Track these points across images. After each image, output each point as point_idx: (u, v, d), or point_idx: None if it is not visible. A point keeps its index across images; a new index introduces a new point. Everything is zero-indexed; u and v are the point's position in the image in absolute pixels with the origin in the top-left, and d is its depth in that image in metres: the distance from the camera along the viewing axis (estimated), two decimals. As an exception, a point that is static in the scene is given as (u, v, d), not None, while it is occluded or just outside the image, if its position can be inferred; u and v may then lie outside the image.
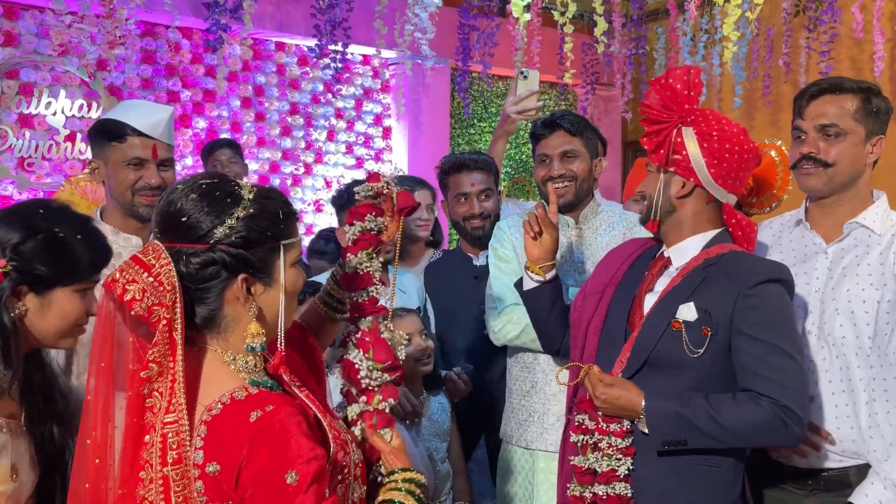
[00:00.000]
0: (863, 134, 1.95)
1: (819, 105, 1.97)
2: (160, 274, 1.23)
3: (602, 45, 4.80)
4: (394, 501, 1.36)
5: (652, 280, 1.90)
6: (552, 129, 2.49)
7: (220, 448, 1.19)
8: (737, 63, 4.97)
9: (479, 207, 2.89)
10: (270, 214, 1.30)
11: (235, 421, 1.20)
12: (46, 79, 4.39)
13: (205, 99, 4.91)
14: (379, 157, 5.63)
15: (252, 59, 5.10)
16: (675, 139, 1.84)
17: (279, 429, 1.19)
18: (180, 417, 1.22)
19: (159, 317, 1.22)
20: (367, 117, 5.58)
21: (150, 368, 1.22)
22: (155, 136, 2.10)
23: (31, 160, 4.37)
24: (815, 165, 1.96)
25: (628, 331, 1.88)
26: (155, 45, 4.72)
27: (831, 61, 4.75)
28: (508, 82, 5.46)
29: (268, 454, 1.17)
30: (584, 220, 2.52)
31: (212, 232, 1.26)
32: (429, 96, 5.63)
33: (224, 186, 1.30)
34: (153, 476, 1.21)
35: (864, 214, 1.98)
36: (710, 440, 1.71)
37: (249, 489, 1.17)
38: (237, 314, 1.29)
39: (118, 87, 4.60)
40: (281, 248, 1.31)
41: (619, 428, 1.78)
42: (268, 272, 1.30)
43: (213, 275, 1.27)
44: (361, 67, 5.54)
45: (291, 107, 5.27)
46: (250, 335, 1.28)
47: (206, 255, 1.26)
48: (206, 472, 1.19)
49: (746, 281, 1.77)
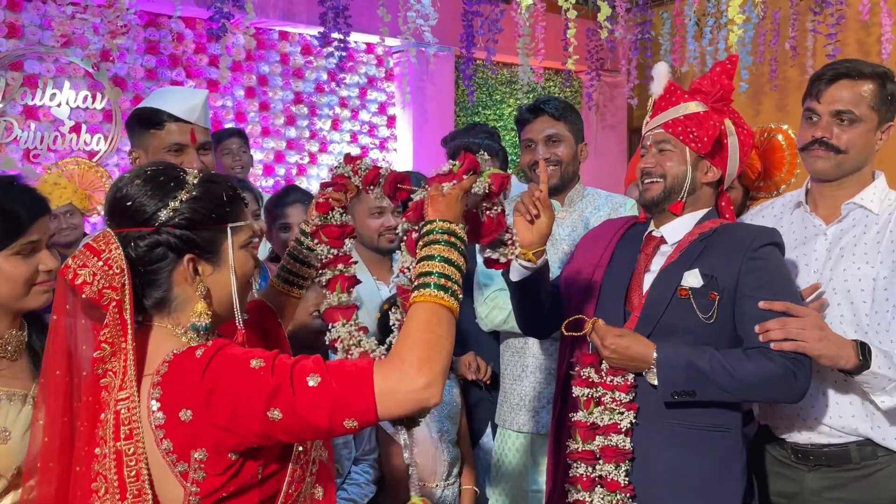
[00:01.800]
0: (876, 121, 1.96)
1: (837, 89, 1.96)
2: (110, 258, 1.28)
3: (606, 31, 4.78)
4: (433, 257, 1.30)
5: (647, 260, 1.91)
6: (536, 115, 2.52)
7: (181, 394, 1.22)
8: (743, 47, 4.93)
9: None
10: (214, 197, 1.34)
11: (184, 365, 1.24)
12: (51, 70, 4.39)
13: (209, 89, 4.90)
14: (384, 146, 5.62)
15: (256, 48, 5.09)
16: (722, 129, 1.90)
17: (226, 348, 1.24)
18: (131, 394, 1.26)
19: (109, 299, 1.27)
20: (371, 106, 5.57)
21: (102, 349, 1.27)
22: (192, 121, 2.12)
23: (37, 151, 4.38)
24: (826, 150, 1.97)
25: (627, 311, 1.89)
26: (158, 35, 4.71)
27: (838, 44, 4.72)
28: (514, 69, 5.44)
29: (225, 366, 1.22)
30: (570, 202, 2.55)
31: (156, 215, 1.30)
32: (433, 84, 5.61)
33: (169, 172, 1.35)
34: (107, 452, 1.25)
35: (862, 195, 1.99)
36: (720, 392, 1.73)
37: (228, 399, 1.20)
38: (186, 295, 1.33)
39: (122, 78, 4.60)
40: (228, 231, 1.35)
41: (623, 382, 1.79)
42: (214, 253, 1.34)
43: (159, 256, 1.31)
44: (365, 56, 5.52)
45: (296, 96, 5.26)
46: (195, 314, 1.32)
47: (152, 237, 1.30)
48: (178, 423, 1.22)
49: (749, 245, 1.81)
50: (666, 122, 1.91)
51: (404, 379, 1.18)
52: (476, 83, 5.76)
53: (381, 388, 1.18)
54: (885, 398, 1.79)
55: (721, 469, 1.79)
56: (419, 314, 1.25)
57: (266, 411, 1.18)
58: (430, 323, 1.24)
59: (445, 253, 1.31)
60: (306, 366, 1.21)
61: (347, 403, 1.18)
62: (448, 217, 1.36)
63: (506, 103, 6.07)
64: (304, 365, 1.21)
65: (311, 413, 1.18)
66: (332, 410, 1.18)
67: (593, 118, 6.37)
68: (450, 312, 1.26)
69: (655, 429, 1.79)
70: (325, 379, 1.19)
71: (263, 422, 1.19)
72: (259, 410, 1.19)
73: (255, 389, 1.19)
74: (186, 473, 1.23)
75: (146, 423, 1.24)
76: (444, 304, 1.26)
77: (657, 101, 1.96)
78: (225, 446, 1.22)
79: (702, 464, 1.78)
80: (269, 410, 1.18)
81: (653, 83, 1.99)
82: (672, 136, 1.90)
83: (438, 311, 1.25)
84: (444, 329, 1.25)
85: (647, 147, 1.96)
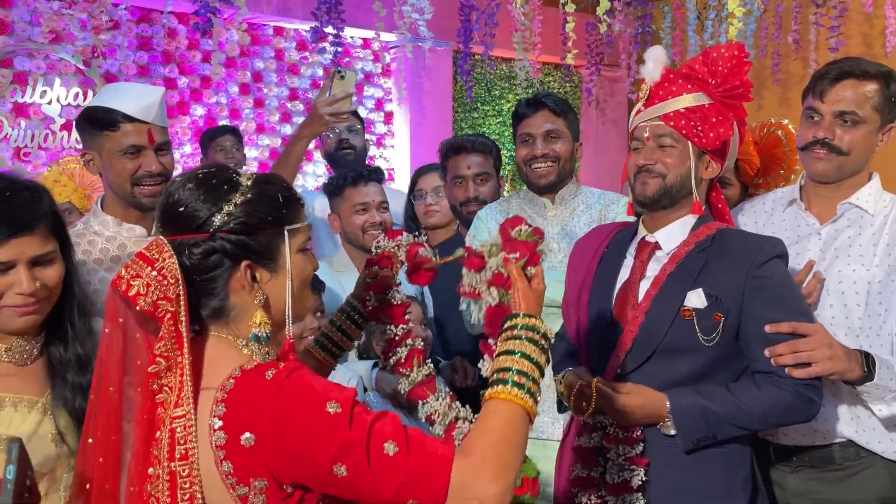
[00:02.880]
0: (878, 123, 1.91)
1: (841, 89, 1.91)
2: (164, 268, 1.21)
3: (605, 25, 4.70)
4: (513, 352, 1.26)
5: (642, 267, 1.82)
6: (536, 109, 2.46)
7: (246, 417, 1.16)
8: (744, 40, 4.85)
9: (473, 191, 2.83)
10: (270, 199, 1.28)
11: (252, 386, 1.18)
12: (41, 67, 4.34)
13: (202, 86, 4.85)
14: (381, 143, 5.55)
15: (250, 44, 5.03)
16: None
17: (297, 378, 1.17)
18: (188, 412, 1.19)
19: (164, 310, 1.20)
20: (368, 102, 5.50)
21: (157, 363, 1.20)
22: (149, 120, 2.00)
23: (27, 150, 4.32)
24: (828, 151, 1.91)
25: (615, 319, 1.80)
26: (151, 31, 4.65)
27: (841, 37, 4.63)
28: (513, 64, 5.37)
29: (298, 399, 1.15)
30: (562, 200, 2.50)
31: (210, 220, 1.24)
32: (431, 80, 5.54)
33: (221, 174, 1.29)
34: (160, 472, 1.19)
35: (858, 195, 1.95)
36: (738, 430, 1.68)
37: (296, 439, 1.13)
38: (244, 303, 1.27)
39: (114, 75, 4.54)
40: (285, 234, 1.29)
41: (628, 436, 1.71)
42: (272, 258, 1.28)
43: (215, 264, 1.25)
44: (362, 51, 5.45)
45: (291, 92, 5.20)
46: (255, 324, 1.26)
47: (207, 244, 1.24)
48: (239, 447, 1.15)
49: (752, 261, 1.72)
50: (666, 113, 1.78)
51: (480, 480, 1.13)
52: (475, 78, 5.68)
53: (456, 481, 1.13)
54: (883, 407, 1.76)
55: (724, 483, 1.72)
56: (501, 412, 1.20)
57: (332, 464, 1.12)
58: (514, 425, 1.19)
59: (526, 350, 1.26)
60: (385, 429, 1.14)
61: (419, 485, 1.12)
62: (533, 312, 1.32)
63: (505, 99, 5.99)
64: (384, 427, 1.14)
65: (379, 481, 1.12)
66: (401, 486, 1.12)
67: (593, 113, 6.30)
68: (527, 415, 1.22)
69: (655, 445, 1.72)
70: (403, 450, 1.13)
71: (325, 473, 1.13)
72: (326, 461, 1.13)
73: (327, 437, 1.12)
74: (246, 498, 1.16)
75: (204, 441, 1.18)
76: (524, 406, 1.22)
77: (653, 88, 1.82)
78: (283, 479, 1.16)
79: (703, 480, 1.71)
80: (336, 465, 1.12)
81: (644, 67, 1.85)
82: (674, 130, 1.77)
83: (521, 413, 1.21)
84: (523, 435, 1.21)
85: (642, 140, 1.82)
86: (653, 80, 1.83)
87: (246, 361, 1.23)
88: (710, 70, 1.78)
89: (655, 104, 1.81)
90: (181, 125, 4.74)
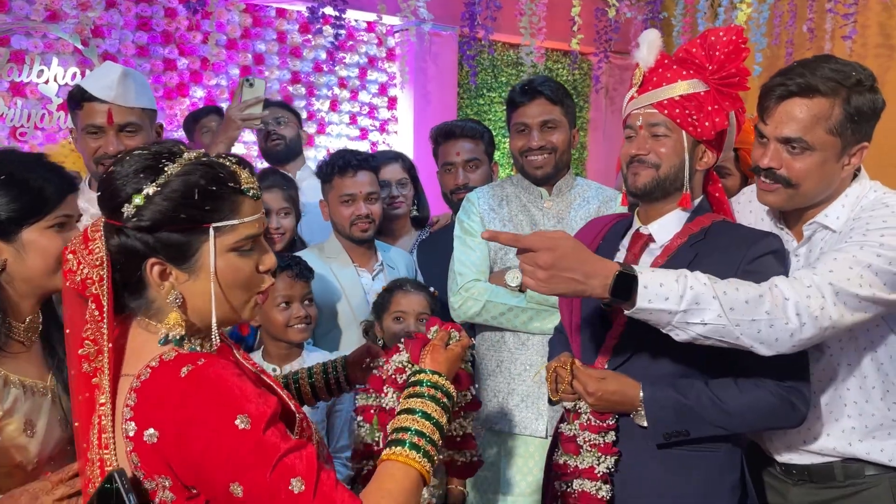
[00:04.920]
0: (838, 147, 1.64)
1: (785, 110, 1.63)
2: (95, 248, 1.16)
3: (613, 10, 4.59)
4: (414, 411, 1.22)
5: (634, 260, 1.76)
6: (532, 97, 2.35)
7: (153, 412, 1.09)
8: (758, 28, 4.73)
9: (463, 178, 2.76)
10: (189, 193, 1.15)
11: (166, 380, 1.11)
12: (38, 46, 4.28)
13: (202, 67, 4.77)
14: (384, 129, 5.47)
15: (252, 25, 4.95)
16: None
17: (215, 377, 1.09)
18: (107, 400, 1.14)
19: (91, 291, 1.16)
20: (371, 87, 5.42)
21: (85, 346, 1.16)
22: (108, 100, 1.97)
23: (24, 129, 4.27)
24: (774, 181, 1.68)
25: (606, 313, 1.76)
26: (150, 10, 4.58)
27: (856, 25, 4.50)
28: (520, 50, 5.26)
29: (207, 404, 1.07)
30: (558, 192, 2.41)
31: (121, 209, 1.15)
32: (436, 65, 5.44)
33: (157, 155, 1.18)
34: (94, 457, 1.16)
35: (827, 211, 1.71)
36: (714, 429, 1.62)
37: (197, 447, 1.06)
38: (162, 300, 1.19)
39: (112, 55, 4.48)
40: (211, 232, 1.16)
41: (598, 424, 1.68)
42: (186, 258, 1.17)
43: (126, 255, 1.17)
44: (366, 35, 5.36)
45: (293, 75, 5.11)
46: (166, 325, 1.16)
47: (119, 234, 1.17)
48: (142, 442, 1.09)
49: (743, 256, 1.65)
50: (660, 101, 1.70)
51: None
52: (480, 64, 5.58)
53: None
54: (679, 332, 1.52)
55: (708, 487, 1.67)
56: (399, 477, 1.15)
57: (230, 481, 1.05)
58: (410, 492, 1.14)
59: (428, 409, 1.22)
60: (297, 465, 1.07)
61: None
62: (442, 371, 1.28)
63: (511, 85, 5.88)
64: (296, 462, 1.07)
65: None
66: None
67: (602, 101, 6.19)
68: (423, 479, 1.17)
69: (640, 446, 1.67)
70: (309, 493, 1.06)
71: (221, 489, 1.07)
72: (223, 477, 1.06)
73: (230, 452, 1.05)
74: (155, 492, 1.11)
75: (118, 430, 1.12)
76: (420, 471, 1.17)
77: (647, 73, 1.73)
78: (185, 481, 1.10)
79: (687, 484, 1.65)
80: (233, 483, 1.06)
81: (638, 50, 1.74)
82: (668, 119, 1.70)
83: (417, 477, 1.16)
84: (417, 500, 1.16)
85: (635, 128, 1.74)
86: (647, 66, 1.74)
87: (168, 350, 1.16)
88: (707, 54, 1.69)
89: (649, 91, 1.72)
90: (180, 107, 4.67)
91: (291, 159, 3.45)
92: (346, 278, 2.73)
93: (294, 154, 3.48)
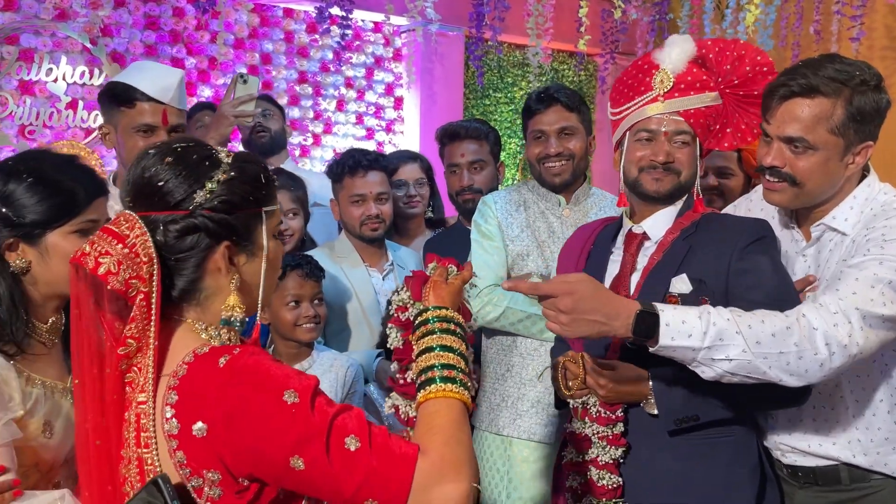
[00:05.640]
0: (841, 147, 1.64)
1: (788, 110, 1.64)
2: (136, 244, 1.15)
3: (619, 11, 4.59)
4: (432, 348, 1.22)
5: (632, 260, 1.78)
6: (548, 105, 2.36)
7: (197, 406, 1.10)
8: (764, 30, 4.73)
9: (468, 180, 2.76)
10: (251, 178, 1.23)
11: (205, 372, 1.12)
12: (47, 44, 4.30)
13: (210, 66, 4.79)
14: (390, 128, 5.48)
15: (259, 25, 4.96)
16: None
17: (253, 363, 1.11)
18: (149, 397, 1.15)
19: (137, 290, 1.15)
20: (377, 87, 5.43)
21: (127, 345, 1.15)
22: (165, 101, 2.06)
23: (33, 127, 4.29)
24: (779, 180, 1.69)
25: None
26: (158, 10, 4.60)
27: (863, 27, 4.50)
28: (526, 51, 5.27)
29: (252, 388, 1.09)
30: (576, 200, 2.42)
31: (191, 197, 1.18)
32: (442, 65, 5.45)
33: (200, 150, 1.24)
34: (131, 456, 1.16)
35: (835, 212, 1.71)
36: (722, 410, 1.64)
37: (250, 431, 1.07)
38: (218, 285, 1.22)
39: (121, 54, 4.50)
40: (263, 215, 1.24)
41: (606, 416, 1.70)
42: (250, 240, 1.24)
43: (192, 243, 1.19)
44: (372, 35, 5.37)
45: (300, 75, 5.13)
46: (228, 307, 1.21)
47: (186, 221, 1.18)
48: (190, 437, 1.10)
49: (736, 243, 1.68)
50: (688, 110, 1.71)
51: (442, 481, 1.07)
52: (487, 65, 5.59)
53: (418, 483, 1.06)
54: (705, 369, 1.53)
55: (725, 477, 1.68)
56: (442, 410, 1.15)
57: (289, 457, 1.06)
58: (458, 422, 1.14)
59: (445, 341, 1.22)
60: (348, 424, 1.08)
61: (381, 484, 1.06)
62: (446, 305, 1.28)
63: (517, 86, 5.90)
64: (347, 422, 1.08)
65: (338, 477, 1.06)
66: (361, 484, 1.06)
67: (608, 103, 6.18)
68: (466, 407, 1.17)
69: (654, 439, 1.68)
70: (366, 447, 1.06)
71: (281, 467, 1.07)
72: (281, 454, 1.06)
73: (283, 428, 1.06)
74: (201, 489, 1.11)
75: (160, 429, 1.13)
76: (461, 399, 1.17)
77: (678, 78, 1.72)
78: (238, 472, 1.10)
79: (704, 472, 1.66)
80: (293, 458, 1.06)
81: (665, 52, 1.72)
82: (692, 129, 1.71)
83: (460, 406, 1.16)
84: (467, 430, 1.15)
85: (655, 133, 1.73)
86: (676, 71, 1.73)
87: (200, 346, 1.17)
88: (732, 68, 1.73)
89: (676, 97, 1.72)
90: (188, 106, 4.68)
91: (276, 152, 3.45)
92: (357, 278, 2.74)
93: (278, 147, 3.48)
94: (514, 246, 2.37)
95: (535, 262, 2.35)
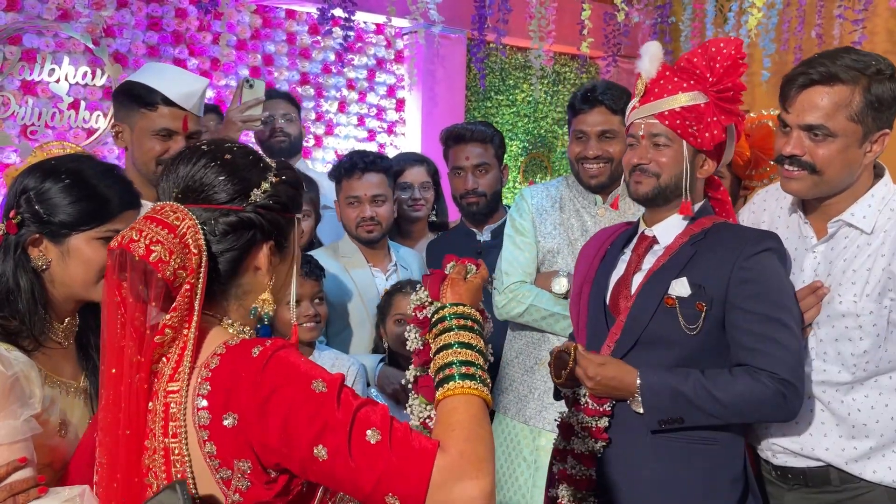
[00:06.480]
0: (859, 134, 1.66)
1: (807, 98, 1.66)
2: (185, 235, 1.16)
3: (622, 14, 4.60)
4: (450, 345, 1.22)
5: (638, 261, 1.82)
6: (592, 105, 2.33)
7: (231, 396, 1.11)
8: (766, 34, 4.73)
9: (472, 183, 2.76)
10: (295, 184, 1.29)
11: (238, 363, 1.13)
12: (50, 45, 4.30)
13: (212, 67, 4.79)
14: (392, 130, 5.49)
15: (261, 26, 4.97)
16: None
17: (285, 355, 1.13)
18: (182, 387, 1.14)
19: (183, 281, 1.15)
20: (379, 89, 5.43)
21: (164, 334, 1.16)
22: (187, 108, 2.06)
23: (35, 128, 4.29)
24: (798, 169, 1.71)
25: (609, 312, 1.82)
26: (161, 11, 4.60)
27: (865, 31, 4.51)
28: (528, 53, 5.28)
29: (284, 377, 1.10)
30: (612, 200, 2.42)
31: (248, 194, 1.22)
32: (444, 67, 5.46)
33: (252, 152, 1.29)
34: (156, 446, 1.15)
35: (853, 209, 1.71)
36: (707, 417, 1.65)
37: (280, 416, 1.08)
38: (254, 283, 1.25)
39: (123, 55, 4.50)
40: (296, 221, 1.30)
41: (593, 407, 1.74)
42: (287, 242, 1.28)
43: (239, 239, 1.22)
44: (374, 37, 5.38)
45: (302, 77, 5.14)
46: (262, 300, 1.24)
47: (240, 216, 1.21)
48: (221, 427, 1.10)
49: (740, 253, 1.69)
50: (661, 112, 1.75)
51: (463, 479, 1.06)
52: (489, 67, 5.59)
53: (437, 479, 1.05)
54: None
55: (707, 481, 1.70)
56: (461, 407, 1.14)
57: (314, 445, 1.07)
58: (478, 419, 1.13)
59: (463, 338, 1.22)
60: (371, 417, 1.09)
61: (399, 478, 1.06)
62: (464, 302, 1.28)
63: (519, 89, 5.90)
64: (370, 415, 1.09)
65: (358, 470, 1.06)
66: (380, 477, 1.06)
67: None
68: (486, 404, 1.17)
69: (638, 439, 1.70)
70: (386, 441, 1.07)
71: (306, 455, 1.08)
72: (307, 440, 1.07)
73: (310, 415, 1.07)
74: (229, 481, 1.12)
75: (190, 420, 1.13)
76: (480, 396, 1.17)
77: (649, 84, 1.78)
78: (267, 462, 1.11)
79: (686, 476, 1.69)
80: (317, 446, 1.07)
81: (640, 62, 1.79)
82: (669, 130, 1.75)
83: (480, 403, 1.16)
84: (488, 427, 1.15)
85: (637, 137, 1.80)
86: (648, 77, 1.80)
87: (230, 338, 1.19)
88: (708, 65, 1.74)
89: (650, 101, 1.78)
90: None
91: (291, 157, 3.47)
92: (361, 278, 2.74)
93: (295, 152, 3.49)
94: (546, 242, 2.39)
95: (564, 259, 2.36)
